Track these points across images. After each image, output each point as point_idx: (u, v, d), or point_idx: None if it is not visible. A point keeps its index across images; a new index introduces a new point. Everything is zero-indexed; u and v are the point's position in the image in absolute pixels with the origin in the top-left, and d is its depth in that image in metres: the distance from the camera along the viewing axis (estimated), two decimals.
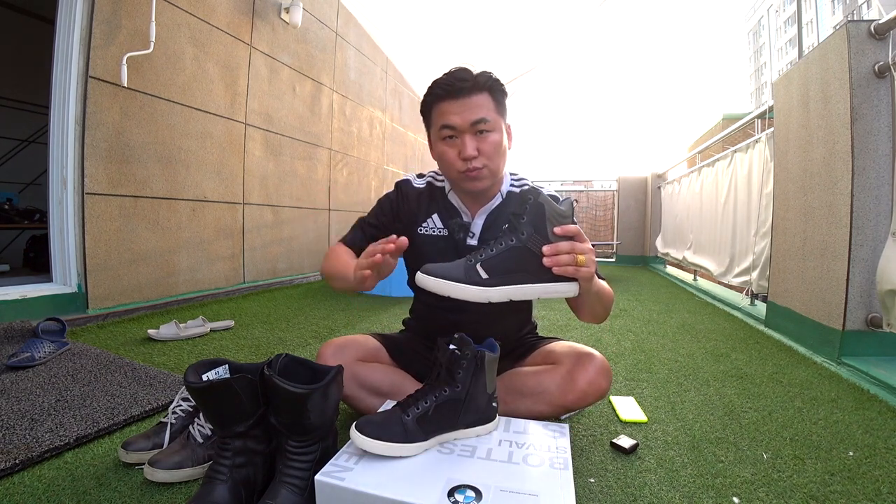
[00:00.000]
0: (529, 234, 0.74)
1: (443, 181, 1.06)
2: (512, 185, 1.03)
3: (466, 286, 0.74)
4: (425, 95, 0.94)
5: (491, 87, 0.91)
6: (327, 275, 0.99)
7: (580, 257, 0.73)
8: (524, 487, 0.67)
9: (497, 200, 1.01)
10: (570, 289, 0.76)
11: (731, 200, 2.91)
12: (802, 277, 1.85)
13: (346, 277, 0.86)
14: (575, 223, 0.77)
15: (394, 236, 0.77)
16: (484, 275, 0.75)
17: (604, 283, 0.89)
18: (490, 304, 0.75)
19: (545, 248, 0.73)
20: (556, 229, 0.74)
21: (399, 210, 1.06)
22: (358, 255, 0.94)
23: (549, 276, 0.75)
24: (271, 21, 3.11)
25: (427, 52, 5.35)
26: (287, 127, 3.32)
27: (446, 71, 0.92)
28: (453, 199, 1.03)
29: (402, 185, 1.08)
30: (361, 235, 1.06)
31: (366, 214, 1.11)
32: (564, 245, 0.73)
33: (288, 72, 3.30)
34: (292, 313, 2.35)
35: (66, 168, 1.96)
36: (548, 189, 1.01)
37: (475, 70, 0.91)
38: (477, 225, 1.00)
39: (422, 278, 0.77)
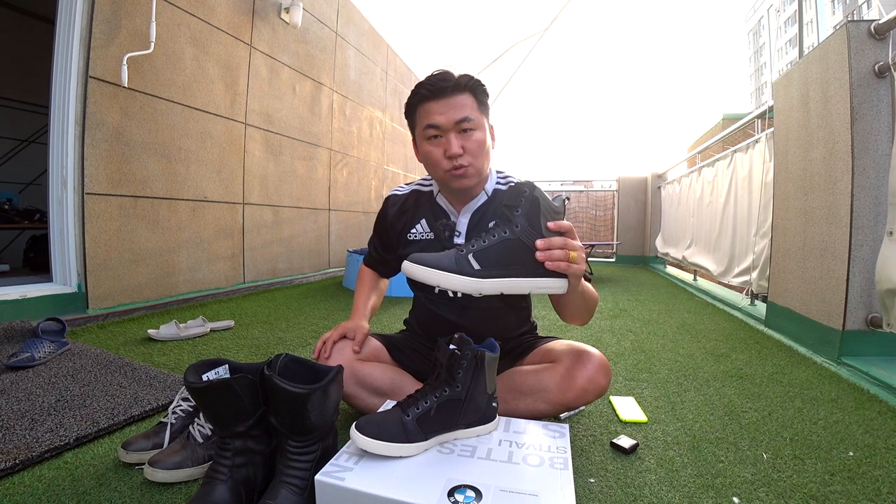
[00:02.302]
0: (523, 226, 0.73)
1: (429, 186, 1.07)
2: (498, 183, 1.04)
3: (457, 276, 0.73)
4: (409, 98, 0.96)
5: (473, 87, 0.92)
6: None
7: (572, 254, 0.73)
8: (524, 487, 0.67)
9: (482, 198, 1.01)
10: (560, 285, 0.76)
11: (731, 200, 2.91)
12: (802, 277, 1.85)
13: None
14: (565, 219, 0.77)
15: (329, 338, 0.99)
16: (476, 266, 0.73)
17: (589, 286, 0.89)
18: (484, 299, 0.75)
19: (539, 242, 0.72)
20: (550, 224, 0.74)
21: (388, 228, 1.11)
22: (378, 270, 1.20)
23: (540, 270, 0.74)
24: (271, 21, 3.11)
25: (430, 50, 5.36)
26: (287, 127, 3.32)
27: (429, 74, 0.95)
28: (441, 200, 1.04)
29: (388, 199, 1.12)
30: (372, 253, 1.19)
31: (372, 233, 1.20)
32: (557, 240, 0.73)
33: (288, 72, 3.30)
34: (292, 313, 2.35)
35: (66, 168, 1.96)
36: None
37: (456, 73, 0.93)
38: (462, 223, 1.01)
39: (410, 267, 0.75)
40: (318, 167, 3.74)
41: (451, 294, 0.95)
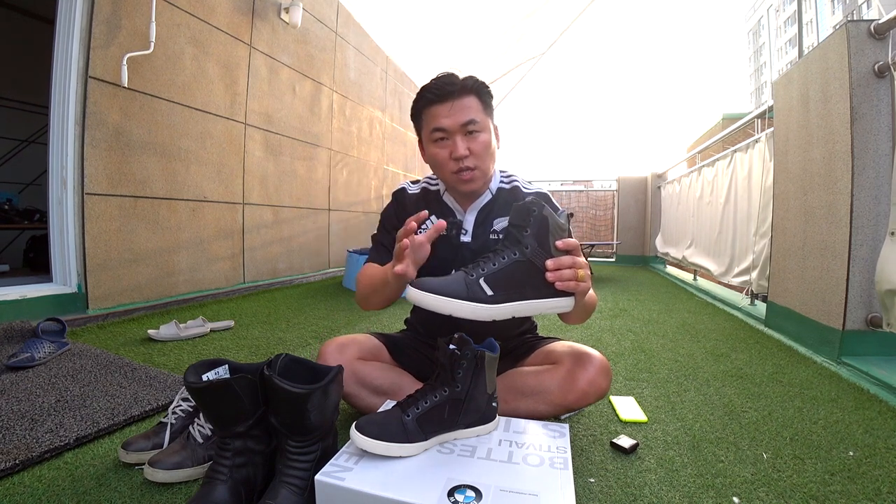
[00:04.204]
0: (533, 247, 0.72)
1: (436, 185, 1.08)
2: (501, 182, 1.06)
3: (470, 303, 0.71)
4: (415, 101, 0.97)
5: (478, 89, 0.94)
6: (365, 294, 1.00)
7: (580, 272, 0.73)
8: (524, 487, 0.67)
9: (487, 197, 1.03)
10: (567, 303, 0.76)
11: (731, 200, 2.91)
12: (802, 277, 1.85)
13: (384, 281, 0.89)
14: (571, 235, 0.76)
15: (414, 217, 0.80)
16: (489, 291, 0.72)
17: (590, 291, 0.89)
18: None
19: (549, 263, 0.72)
20: (559, 243, 0.73)
21: (399, 217, 1.08)
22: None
23: (550, 290, 0.73)
24: (271, 21, 3.11)
25: (427, 51, 5.35)
26: (287, 127, 3.32)
27: (433, 77, 0.96)
28: (448, 199, 1.05)
29: (398, 194, 1.10)
30: (383, 250, 1.07)
31: (377, 232, 1.12)
32: (567, 260, 0.72)
33: (288, 72, 3.30)
34: (292, 313, 2.35)
35: (66, 168, 1.96)
36: (533, 187, 1.06)
37: (461, 75, 0.95)
38: (468, 221, 1.03)
39: (417, 295, 0.72)
40: (318, 167, 3.74)
41: None
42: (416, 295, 0.72)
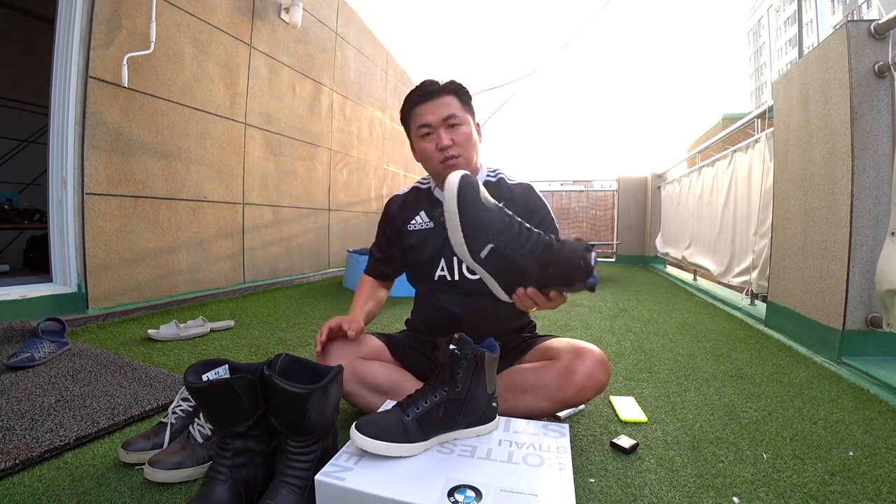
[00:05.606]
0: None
1: (427, 184, 1.16)
2: (488, 176, 1.13)
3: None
4: (403, 105, 1.09)
5: (456, 90, 1.05)
6: None
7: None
8: (524, 487, 0.67)
9: None
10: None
11: (731, 200, 2.91)
12: (802, 277, 1.85)
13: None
14: (591, 261, 0.71)
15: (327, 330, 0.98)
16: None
17: None
18: (483, 285, 0.79)
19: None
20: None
21: (390, 223, 1.18)
22: (378, 278, 1.21)
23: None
24: (271, 21, 3.11)
25: (429, 54, 5.34)
26: (287, 127, 3.32)
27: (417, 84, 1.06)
28: (438, 193, 1.12)
29: (389, 202, 1.21)
30: (375, 254, 1.21)
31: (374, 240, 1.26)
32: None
33: (288, 72, 3.30)
34: (292, 313, 2.35)
35: (66, 168, 1.96)
36: (517, 180, 1.13)
37: (442, 81, 1.06)
38: None
39: (359, 440, 0.73)
40: (318, 167, 3.74)
41: (449, 279, 1.06)
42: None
